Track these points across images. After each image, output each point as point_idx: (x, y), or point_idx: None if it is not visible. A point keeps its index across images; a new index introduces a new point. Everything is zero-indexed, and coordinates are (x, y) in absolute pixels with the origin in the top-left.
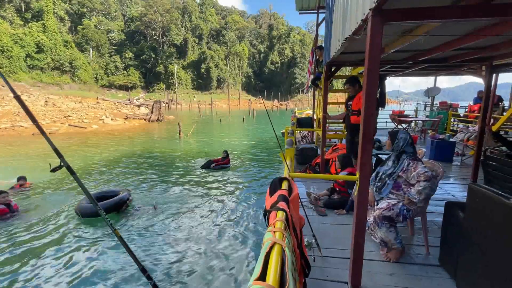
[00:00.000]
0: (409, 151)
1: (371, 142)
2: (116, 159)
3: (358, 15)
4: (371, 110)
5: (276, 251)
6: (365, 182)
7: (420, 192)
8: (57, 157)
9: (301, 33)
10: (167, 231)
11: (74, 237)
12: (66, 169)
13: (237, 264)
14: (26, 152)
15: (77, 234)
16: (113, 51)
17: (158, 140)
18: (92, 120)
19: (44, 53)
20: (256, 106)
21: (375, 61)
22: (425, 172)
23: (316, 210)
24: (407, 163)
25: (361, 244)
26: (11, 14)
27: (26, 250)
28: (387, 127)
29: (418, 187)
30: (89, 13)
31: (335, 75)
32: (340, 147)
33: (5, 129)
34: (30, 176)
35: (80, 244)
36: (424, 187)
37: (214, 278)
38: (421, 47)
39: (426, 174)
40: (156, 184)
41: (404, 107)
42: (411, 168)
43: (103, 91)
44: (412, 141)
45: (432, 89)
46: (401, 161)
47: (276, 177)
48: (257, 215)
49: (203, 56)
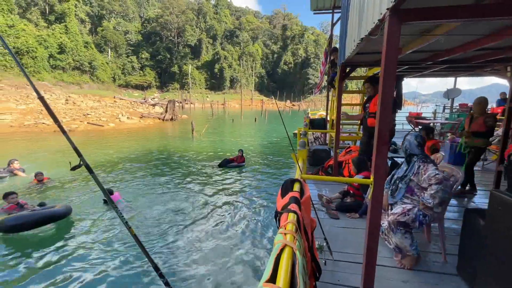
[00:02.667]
0: (417, 153)
1: (386, 145)
2: (132, 156)
3: (374, 15)
4: (387, 112)
5: (287, 253)
6: (379, 186)
7: (433, 196)
8: (76, 155)
9: (315, 33)
10: (177, 229)
11: (85, 233)
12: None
13: (246, 264)
14: (47, 148)
15: (88, 230)
16: (130, 52)
17: (172, 138)
18: (109, 119)
19: (65, 53)
20: (269, 106)
21: (392, 62)
22: (436, 174)
23: (328, 213)
24: (418, 165)
25: (374, 249)
26: (36, 16)
27: (35, 243)
28: (404, 129)
29: (431, 191)
30: (108, 15)
31: (350, 76)
32: (354, 149)
33: (29, 126)
34: (50, 171)
35: (93, 240)
36: (436, 190)
37: (223, 277)
38: (440, 47)
39: (437, 177)
40: (168, 181)
41: (421, 109)
42: (422, 170)
43: (120, 91)
44: (420, 143)
45: (452, 90)
46: (412, 164)
47: (288, 179)
48: (267, 216)
49: (216, 57)
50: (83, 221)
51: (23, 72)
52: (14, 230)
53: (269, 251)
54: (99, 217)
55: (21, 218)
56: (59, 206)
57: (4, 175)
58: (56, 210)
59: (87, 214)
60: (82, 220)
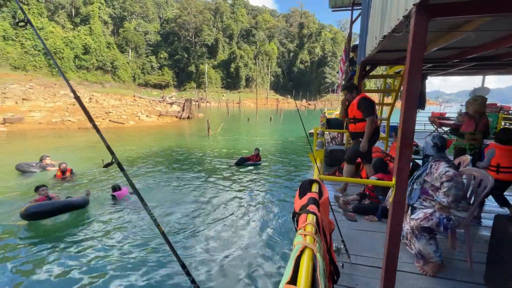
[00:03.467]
0: (431, 154)
1: (410, 147)
2: (150, 153)
3: (399, 11)
4: (411, 112)
5: (307, 255)
6: (401, 189)
7: (446, 194)
8: (95, 152)
9: (333, 31)
10: (193, 226)
11: (115, 228)
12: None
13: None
14: (72, 143)
15: (117, 223)
16: (149, 52)
17: (189, 137)
18: (129, 117)
19: (89, 54)
20: (284, 106)
21: (418, 60)
22: (447, 171)
23: (345, 214)
24: (430, 165)
25: (395, 254)
26: (63, 19)
27: (62, 235)
28: (425, 130)
29: (443, 189)
30: (129, 16)
31: (370, 74)
32: (373, 150)
33: (56, 123)
34: (74, 166)
35: (121, 235)
36: (448, 188)
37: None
38: (469, 44)
39: (447, 174)
40: (185, 178)
41: (445, 109)
42: (434, 169)
43: (139, 89)
44: (436, 144)
45: (480, 89)
46: (426, 164)
47: (306, 179)
48: (284, 215)
49: (232, 56)
50: (101, 214)
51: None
52: (36, 217)
53: (283, 249)
54: (117, 210)
55: (42, 206)
56: (77, 197)
57: (35, 170)
58: (74, 200)
59: (103, 208)
60: (101, 214)
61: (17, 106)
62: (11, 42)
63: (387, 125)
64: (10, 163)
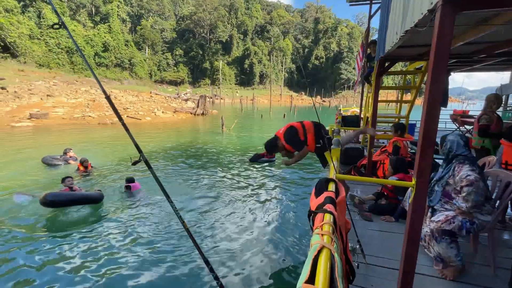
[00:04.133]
0: (465, 153)
1: (432, 146)
2: (166, 148)
3: (423, 5)
4: (435, 110)
5: (325, 255)
6: (422, 191)
7: (466, 199)
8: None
9: (350, 25)
10: (208, 221)
11: (132, 221)
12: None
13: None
14: (93, 138)
15: (133, 216)
16: (165, 49)
17: (203, 133)
18: (146, 113)
19: (109, 51)
20: (298, 102)
21: (443, 57)
22: (467, 175)
23: (361, 214)
24: (453, 167)
25: (413, 257)
26: (84, 18)
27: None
28: (446, 128)
29: (463, 194)
30: (147, 14)
31: (388, 71)
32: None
33: (77, 119)
34: (95, 160)
35: (139, 228)
36: (468, 193)
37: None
38: (497, 38)
39: (468, 178)
40: (200, 174)
41: (468, 106)
42: (456, 172)
43: (156, 86)
44: (466, 142)
45: (508, 86)
46: (450, 166)
47: (323, 178)
48: (299, 213)
49: (247, 52)
50: (123, 205)
51: (93, 74)
52: (53, 205)
53: (300, 247)
54: (132, 202)
55: (59, 196)
56: (94, 191)
57: (59, 163)
58: (90, 194)
59: (120, 201)
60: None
61: (42, 102)
62: (36, 40)
63: (406, 123)
64: (37, 156)
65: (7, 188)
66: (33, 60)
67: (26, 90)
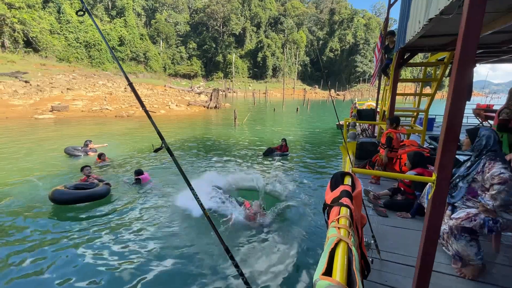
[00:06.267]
0: (497, 149)
1: (456, 141)
2: (180, 140)
3: None
4: (460, 103)
5: (342, 248)
6: (443, 187)
7: (494, 197)
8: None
9: (366, 16)
10: (224, 213)
11: (144, 212)
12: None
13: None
14: (110, 131)
15: (144, 206)
16: (179, 42)
17: (216, 126)
18: (160, 106)
19: (124, 45)
20: (311, 96)
21: (471, 47)
22: (501, 173)
23: (375, 209)
24: (483, 163)
25: (431, 254)
26: (101, 12)
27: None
28: (468, 123)
29: (492, 191)
30: (161, 8)
31: (408, 62)
32: (408, 144)
33: (95, 111)
34: (111, 152)
35: (151, 219)
36: (498, 191)
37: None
38: None
39: (501, 176)
40: (214, 166)
41: (492, 100)
42: (486, 169)
43: (170, 79)
44: (497, 138)
45: None
46: (478, 162)
47: (338, 171)
48: (313, 206)
49: (260, 45)
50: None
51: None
52: (59, 203)
53: (312, 240)
54: (145, 192)
55: (65, 194)
56: (100, 187)
57: (80, 154)
58: (95, 191)
59: (131, 192)
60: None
61: (63, 95)
62: (56, 35)
63: (425, 117)
64: (59, 147)
65: (30, 174)
66: (53, 54)
67: (47, 84)
